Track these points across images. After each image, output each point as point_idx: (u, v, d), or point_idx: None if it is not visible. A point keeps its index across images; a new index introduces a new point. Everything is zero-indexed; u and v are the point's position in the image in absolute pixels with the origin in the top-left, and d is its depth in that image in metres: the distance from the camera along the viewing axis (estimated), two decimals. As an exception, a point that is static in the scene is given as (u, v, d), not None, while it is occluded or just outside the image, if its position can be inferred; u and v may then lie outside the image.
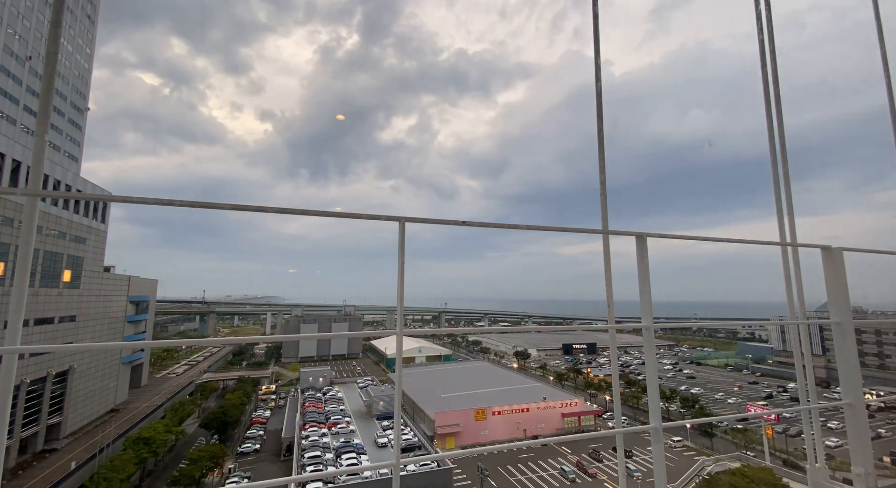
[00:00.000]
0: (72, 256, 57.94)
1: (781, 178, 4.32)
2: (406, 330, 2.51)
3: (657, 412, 2.79)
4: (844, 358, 3.56)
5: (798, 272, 4.04)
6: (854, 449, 3.42)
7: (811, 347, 3.95)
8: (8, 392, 1.76)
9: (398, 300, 2.33)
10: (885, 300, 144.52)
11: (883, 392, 72.54)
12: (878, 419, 64.88)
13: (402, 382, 68.52)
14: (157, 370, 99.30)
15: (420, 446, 47.86)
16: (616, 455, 26.38)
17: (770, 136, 4.40)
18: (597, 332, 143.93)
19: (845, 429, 3.52)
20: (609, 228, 3.21)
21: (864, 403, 3.45)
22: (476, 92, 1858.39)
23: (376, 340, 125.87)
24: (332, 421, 55.53)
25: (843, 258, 3.67)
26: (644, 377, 26.79)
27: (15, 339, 1.81)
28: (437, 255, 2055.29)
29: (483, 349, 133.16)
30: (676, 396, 69.62)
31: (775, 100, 4.49)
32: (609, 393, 75.59)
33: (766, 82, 4.54)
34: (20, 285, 1.88)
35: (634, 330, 3.25)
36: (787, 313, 3.95)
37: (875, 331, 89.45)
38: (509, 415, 58.68)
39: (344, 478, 37.64)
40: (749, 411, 62.81)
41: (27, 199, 1.99)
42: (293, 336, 2.47)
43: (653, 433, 2.82)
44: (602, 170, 3.70)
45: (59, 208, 56.04)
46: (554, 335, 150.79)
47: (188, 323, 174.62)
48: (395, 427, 2.38)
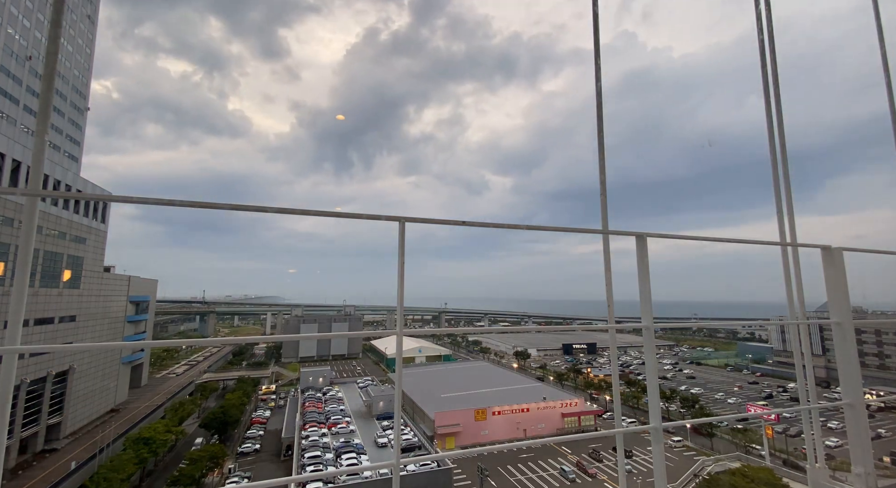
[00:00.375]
0: (72, 256, 57.94)
1: (781, 178, 4.31)
2: (406, 330, 2.51)
3: (657, 412, 2.79)
4: (844, 358, 3.56)
5: (798, 272, 4.04)
6: (854, 449, 3.42)
7: (811, 347, 3.95)
8: (8, 392, 1.76)
9: (398, 300, 2.33)
10: (885, 300, 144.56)
11: (883, 392, 72.55)
12: (878, 419, 64.89)
13: (402, 382, 68.51)
14: (157, 370, 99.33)
15: (420, 446, 47.86)
16: (616, 455, 26.40)
17: (770, 136, 4.40)
18: (597, 332, 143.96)
19: (845, 429, 3.52)
20: (609, 228, 3.21)
21: (864, 403, 3.45)
22: (521, 80, 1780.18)
23: (376, 340, 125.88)
24: (332, 421, 55.54)
25: (843, 258, 3.67)
26: (644, 377, 26.79)
27: (15, 339, 1.81)
28: (453, 254, 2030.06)
29: (483, 349, 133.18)
30: (676, 396, 69.63)
31: (775, 98, 4.49)
32: (609, 393, 75.61)
33: (766, 82, 4.54)
34: (20, 285, 1.88)
35: (634, 330, 3.26)
36: (787, 313, 3.95)
37: (875, 331, 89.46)
38: (509, 415, 58.68)
39: (344, 478, 37.64)
40: (749, 411, 62.82)
41: (27, 199, 1.99)
42: (293, 336, 2.47)
43: (653, 433, 2.82)
44: (602, 170, 3.70)
45: (59, 208, 56.04)
46: (554, 335, 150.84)
47: (188, 323, 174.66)
48: (395, 427, 2.38)
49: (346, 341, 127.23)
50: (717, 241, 3.44)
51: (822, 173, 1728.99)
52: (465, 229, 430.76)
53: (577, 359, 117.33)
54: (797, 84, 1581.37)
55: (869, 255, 4.08)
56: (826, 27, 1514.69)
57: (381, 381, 79.32)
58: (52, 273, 54.02)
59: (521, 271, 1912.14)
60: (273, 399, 77.97)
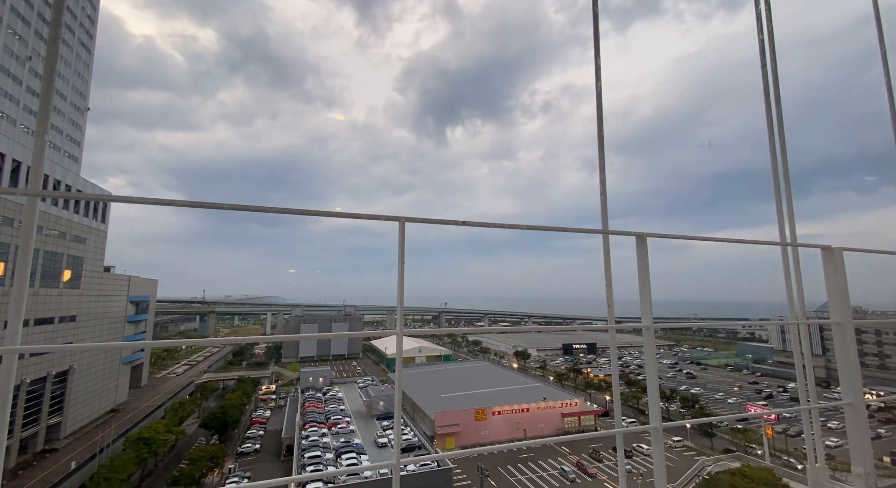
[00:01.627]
0: (72, 256, 57.95)
1: (781, 178, 4.31)
2: (406, 330, 2.51)
3: (657, 412, 2.79)
4: (844, 358, 3.56)
5: (798, 272, 4.03)
6: (854, 449, 3.42)
7: (811, 347, 3.95)
8: (8, 392, 1.76)
9: (398, 300, 2.33)
10: (885, 300, 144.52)
11: (883, 392, 72.55)
12: (878, 419, 64.89)
13: (402, 382, 68.51)
14: (157, 370, 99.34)
15: (420, 446, 47.85)
16: (616, 455, 26.39)
17: (770, 136, 4.40)
18: (597, 332, 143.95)
19: (845, 429, 3.51)
20: (609, 228, 3.21)
21: (864, 403, 3.45)
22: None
23: (376, 340, 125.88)
24: (332, 421, 55.54)
25: (843, 258, 3.67)
26: (644, 377, 26.79)
27: (15, 339, 1.81)
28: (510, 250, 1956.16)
29: (483, 349, 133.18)
30: (676, 396, 69.62)
31: (775, 100, 4.49)
32: (609, 393, 75.58)
33: (766, 82, 4.54)
34: (20, 285, 1.88)
35: (634, 330, 3.26)
36: (787, 313, 3.95)
37: (875, 331, 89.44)
38: (509, 415, 58.66)
39: (344, 478, 37.62)
40: (749, 411, 62.82)
41: (27, 199, 1.99)
42: (293, 336, 2.47)
43: (653, 433, 2.82)
44: (602, 170, 3.69)
45: (59, 208, 56.05)
46: (554, 335, 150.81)
47: (188, 323, 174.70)
48: (395, 427, 2.38)
49: (346, 341, 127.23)
50: (718, 241, 3.44)
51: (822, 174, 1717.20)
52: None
53: (578, 359, 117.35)
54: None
55: (869, 255, 4.08)
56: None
57: (381, 381, 79.32)
58: (52, 273, 54.03)
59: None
60: (273, 399, 77.95)
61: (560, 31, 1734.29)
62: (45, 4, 59.38)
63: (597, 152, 3.75)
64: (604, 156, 3.72)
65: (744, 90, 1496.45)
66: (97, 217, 64.96)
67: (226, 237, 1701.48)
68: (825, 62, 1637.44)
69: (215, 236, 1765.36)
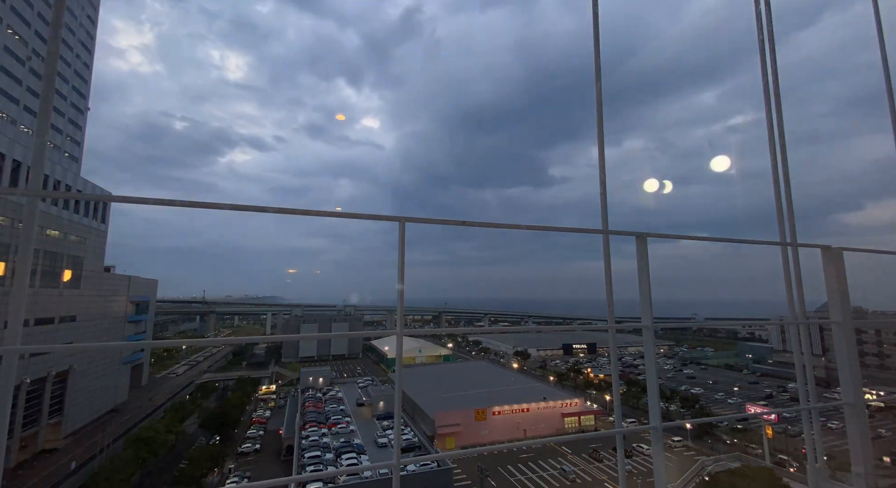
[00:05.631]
0: (72, 256, 57.93)
1: (781, 178, 4.31)
2: (406, 330, 2.51)
3: (657, 412, 2.79)
4: (844, 358, 3.56)
5: (798, 272, 4.03)
6: (854, 449, 3.42)
7: (811, 347, 3.95)
8: (8, 392, 1.77)
9: (398, 300, 2.33)
10: (885, 300, 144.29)
11: (883, 392, 72.52)
12: (878, 419, 64.86)
13: (402, 382, 68.50)
14: (157, 370, 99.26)
15: (420, 446, 47.85)
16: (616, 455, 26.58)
17: (770, 134, 4.40)
18: (597, 332, 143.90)
19: (845, 429, 3.52)
20: (609, 228, 3.21)
21: (864, 403, 3.45)
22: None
23: (376, 340, 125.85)
24: (332, 421, 55.55)
25: (844, 258, 3.67)
26: (644, 377, 26.81)
27: (15, 339, 1.81)
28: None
29: (483, 349, 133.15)
30: (676, 396, 69.59)
31: (775, 97, 4.49)
32: (609, 393, 75.58)
33: (766, 80, 4.54)
34: (20, 285, 1.88)
35: (634, 330, 3.27)
36: (787, 313, 3.94)
37: (875, 331, 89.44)
38: (509, 415, 58.65)
39: (344, 478, 37.61)
40: (749, 411, 62.83)
41: (27, 199, 2.00)
42: (293, 336, 2.47)
43: (653, 433, 2.82)
44: (602, 169, 3.69)
45: (59, 208, 56.03)
46: (554, 335, 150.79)
47: (188, 323, 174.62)
48: (395, 427, 2.38)
49: (346, 341, 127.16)
50: (718, 241, 3.44)
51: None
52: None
53: (578, 359, 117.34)
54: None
55: (869, 255, 4.08)
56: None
57: (381, 381, 79.32)
58: (52, 273, 54.01)
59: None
60: (273, 399, 77.95)
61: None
62: (45, 4, 59.39)
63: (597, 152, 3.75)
64: (604, 156, 3.72)
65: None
66: (97, 217, 64.96)
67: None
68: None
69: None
